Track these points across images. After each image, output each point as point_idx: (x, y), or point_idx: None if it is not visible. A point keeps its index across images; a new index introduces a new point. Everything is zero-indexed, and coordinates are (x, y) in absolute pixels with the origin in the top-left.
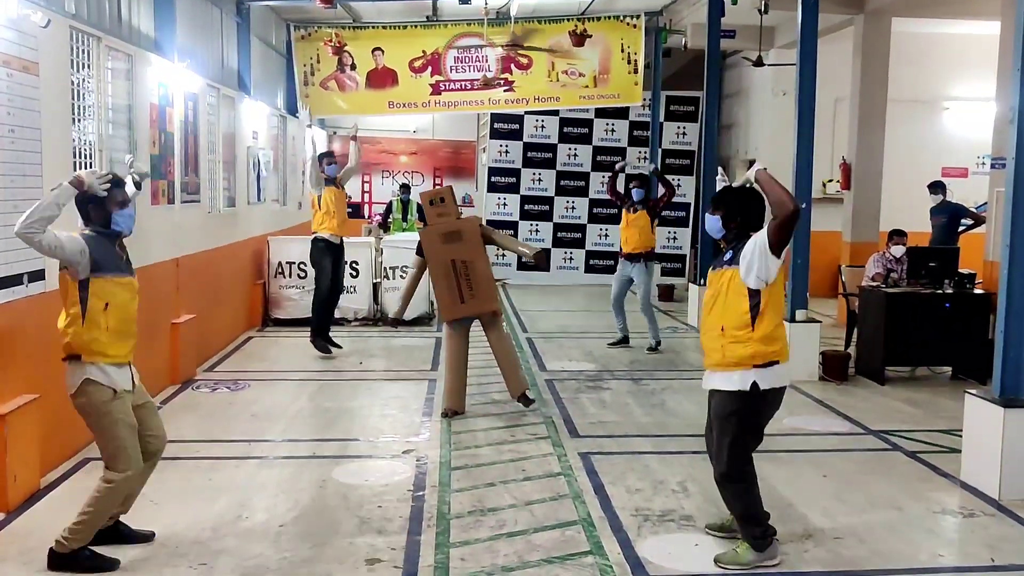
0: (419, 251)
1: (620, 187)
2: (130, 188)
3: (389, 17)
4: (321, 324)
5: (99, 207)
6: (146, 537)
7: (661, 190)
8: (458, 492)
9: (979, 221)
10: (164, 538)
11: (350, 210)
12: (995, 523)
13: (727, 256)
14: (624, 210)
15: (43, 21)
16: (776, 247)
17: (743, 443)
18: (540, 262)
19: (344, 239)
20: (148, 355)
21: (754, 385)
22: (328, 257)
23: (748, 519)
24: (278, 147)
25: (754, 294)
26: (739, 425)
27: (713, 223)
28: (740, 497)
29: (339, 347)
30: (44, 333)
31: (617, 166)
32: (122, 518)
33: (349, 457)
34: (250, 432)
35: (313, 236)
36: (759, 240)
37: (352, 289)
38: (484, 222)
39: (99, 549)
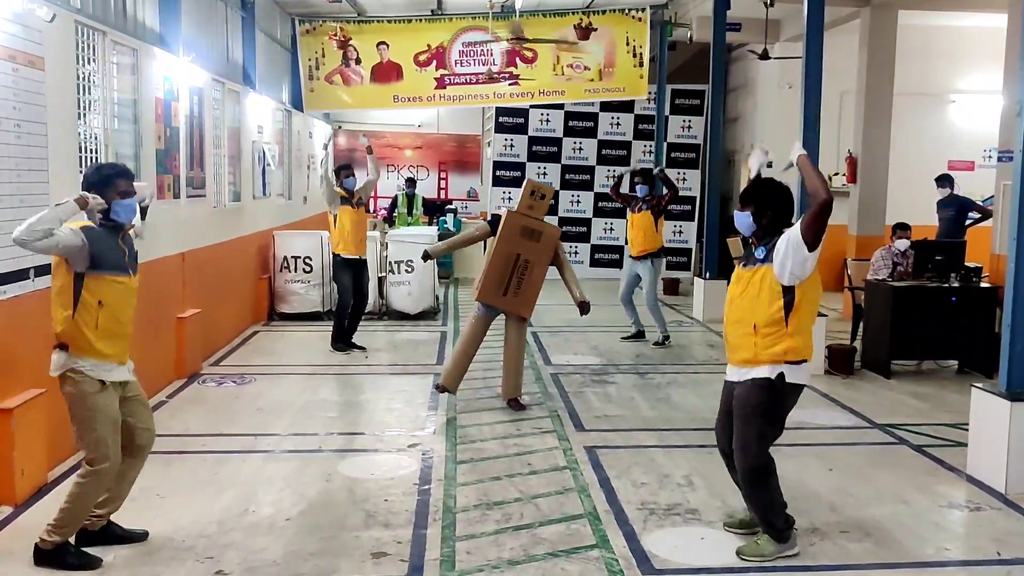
0: (492, 223)
1: (625, 187)
2: (137, 220)
3: (394, 11)
4: (339, 333)
5: (101, 195)
6: (139, 536)
7: (665, 190)
8: (464, 486)
9: (986, 215)
10: (170, 532)
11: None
12: (1001, 517)
13: (759, 253)
14: (629, 211)
15: (48, 16)
16: (811, 241)
17: (769, 434)
18: (583, 310)
19: (365, 255)
20: (154, 349)
21: (781, 376)
22: (347, 273)
23: (771, 510)
24: (283, 141)
25: (788, 291)
26: (765, 416)
27: (743, 219)
28: (766, 489)
29: (362, 348)
30: (50, 328)
31: (620, 172)
32: (117, 517)
33: (355, 451)
34: (256, 426)
35: (333, 253)
36: (792, 235)
37: None
38: (490, 217)
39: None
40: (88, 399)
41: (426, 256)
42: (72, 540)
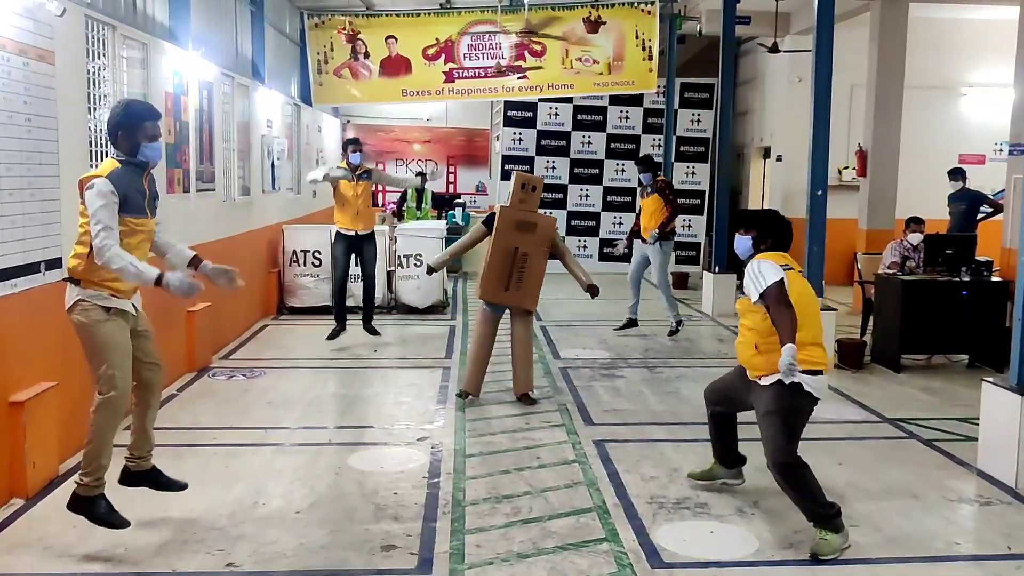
0: (487, 222)
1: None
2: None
3: (402, 5)
4: (336, 310)
5: (129, 136)
6: (179, 486)
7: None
8: (473, 479)
9: (998, 209)
10: (182, 524)
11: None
12: (1012, 511)
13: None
14: (639, 199)
15: (59, 10)
16: (763, 300)
17: (797, 432)
18: (593, 293)
19: (365, 231)
20: (164, 343)
21: (797, 385)
22: (340, 247)
23: (816, 504)
24: (292, 135)
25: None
26: (793, 416)
27: (744, 243)
28: (806, 482)
29: (376, 334)
30: (62, 320)
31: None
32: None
33: (365, 444)
34: (266, 419)
35: None
36: (754, 273)
37: None
38: (485, 216)
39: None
40: (95, 327)
41: (430, 270)
42: (123, 480)
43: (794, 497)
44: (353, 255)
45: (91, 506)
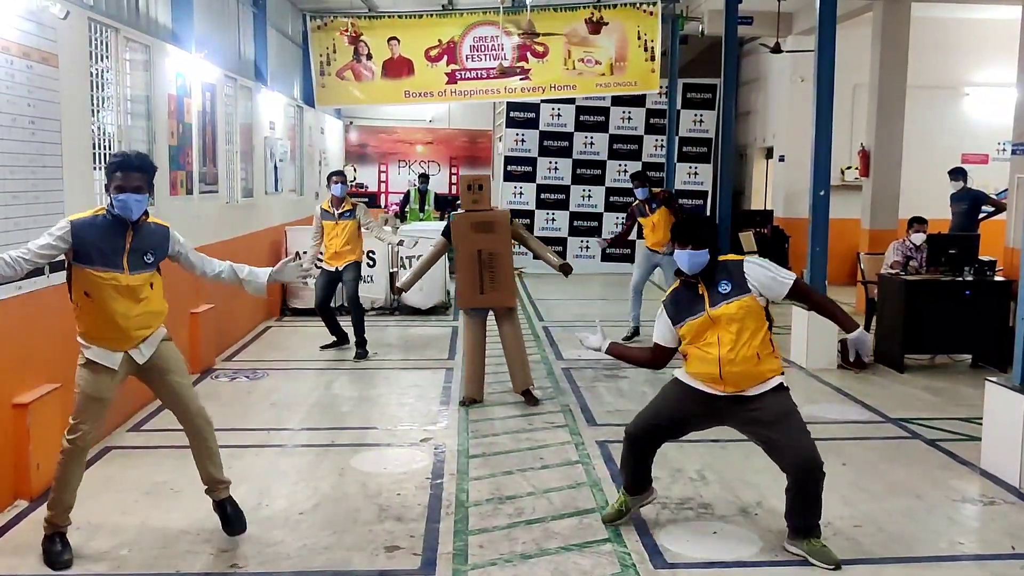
0: (445, 233)
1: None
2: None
3: (405, 6)
4: (329, 328)
5: (107, 186)
6: (237, 528)
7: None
8: (476, 480)
9: (1000, 208)
10: (186, 526)
11: (366, 200)
12: (1015, 511)
13: (724, 288)
14: (642, 218)
15: (62, 13)
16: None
17: None
18: (566, 272)
19: (345, 265)
20: None
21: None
22: (322, 277)
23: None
24: (295, 137)
25: (767, 314)
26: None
27: (699, 258)
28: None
29: (341, 338)
30: (65, 323)
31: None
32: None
33: (368, 445)
34: (269, 421)
35: None
36: (773, 275)
37: (369, 279)
38: (452, 218)
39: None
40: (78, 370)
41: (399, 291)
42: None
43: (814, 501)
44: (334, 283)
45: (46, 542)
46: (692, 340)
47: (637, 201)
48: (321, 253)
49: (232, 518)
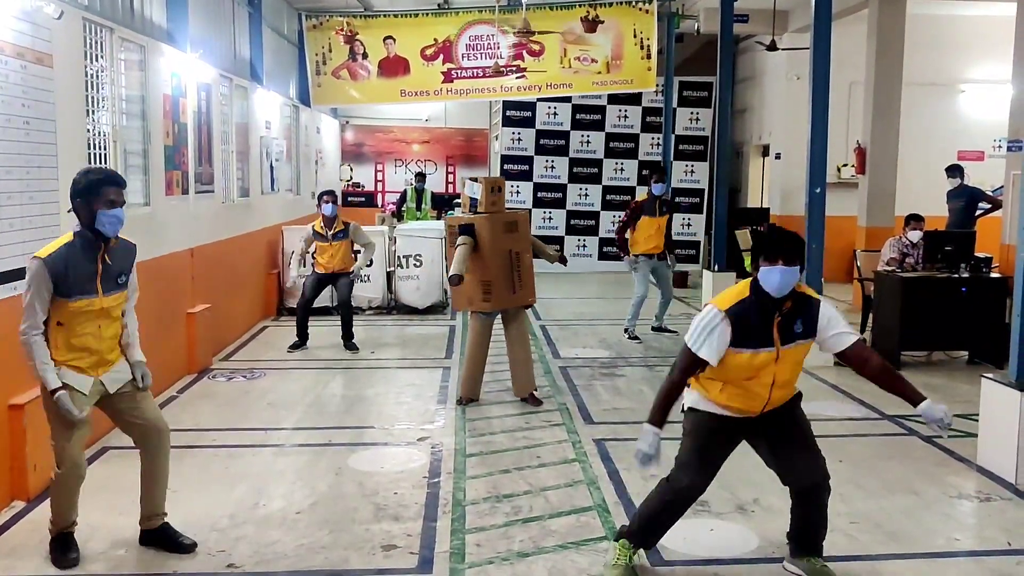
0: (464, 231)
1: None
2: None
3: (401, 5)
4: (298, 327)
5: (86, 204)
6: (185, 548)
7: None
8: (473, 479)
9: (996, 205)
10: (182, 526)
11: (363, 199)
12: (1012, 507)
13: (799, 328)
14: (646, 215)
15: (56, 13)
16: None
17: None
18: (564, 262)
19: (341, 271)
20: (164, 345)
21: None
22: (313, 278)
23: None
24: (291, 137)
25: None
26: None
27: (792, 276)
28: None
29: (303, 340)
30: None
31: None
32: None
33: (365, 445)
34: (266, 420)
35: None
36: (835, 320)
37: (366, 278)
38: (474, 219)
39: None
40: (49, 401)
41: (457, 280)
42: (147, 530)
43: (822, 523)
44: (323, 285)
45: (53, 542)
46: (738, 373)
47: (645, 198)
48: (314, 258)
49: (178, 533)
